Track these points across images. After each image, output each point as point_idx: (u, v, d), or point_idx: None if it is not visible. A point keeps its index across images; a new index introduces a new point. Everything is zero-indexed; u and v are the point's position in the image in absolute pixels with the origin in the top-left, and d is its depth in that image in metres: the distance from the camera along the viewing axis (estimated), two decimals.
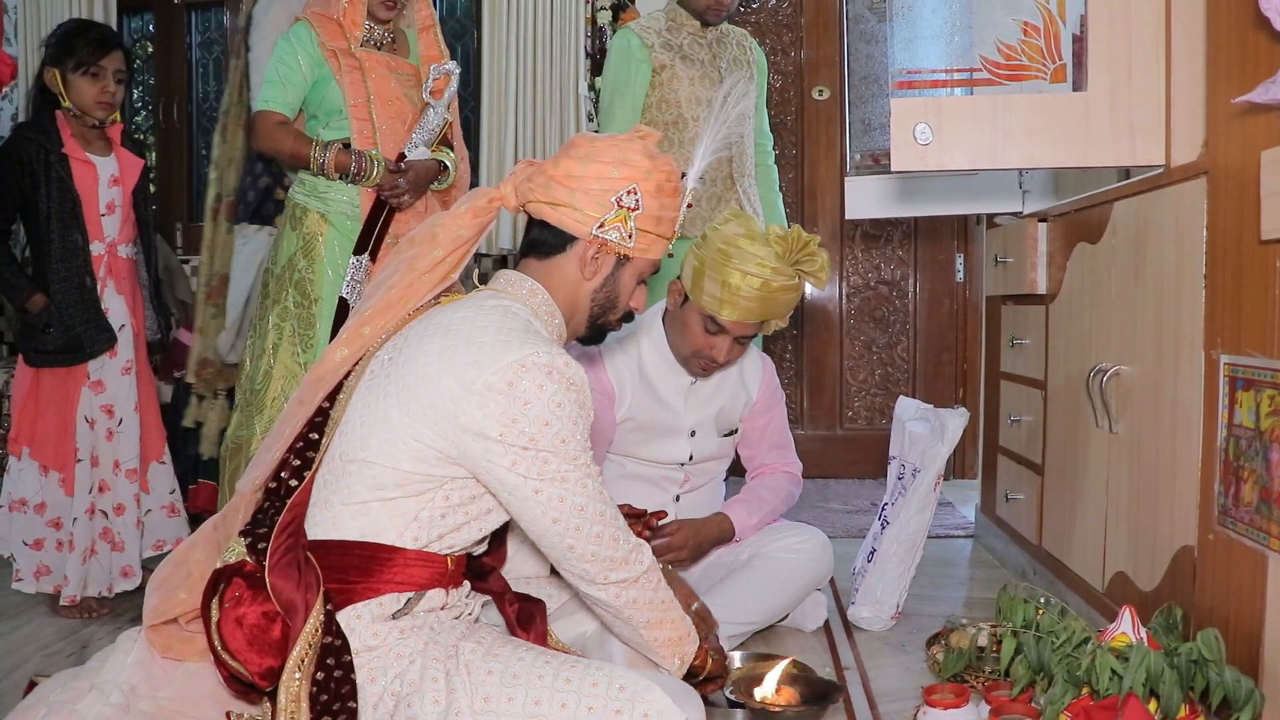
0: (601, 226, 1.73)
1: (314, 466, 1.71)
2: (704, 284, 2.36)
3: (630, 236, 1.75)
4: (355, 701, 1.57)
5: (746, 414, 2.67)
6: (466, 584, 1.79)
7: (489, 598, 1.86)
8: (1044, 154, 2.29)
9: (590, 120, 4.60)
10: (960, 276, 4.90)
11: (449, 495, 1.65)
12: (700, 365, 2.47)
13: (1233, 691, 1.68)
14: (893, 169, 2.35)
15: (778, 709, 1.96)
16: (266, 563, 1.62)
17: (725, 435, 2.64)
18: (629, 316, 1.86)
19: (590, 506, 1.63)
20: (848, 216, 3.35)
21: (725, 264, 2.33)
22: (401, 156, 2.73)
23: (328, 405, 1.75)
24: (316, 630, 1.58)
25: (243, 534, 1.70)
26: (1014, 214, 3.24)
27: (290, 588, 1.60)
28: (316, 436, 1.74)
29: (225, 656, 1.62)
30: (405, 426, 1.60)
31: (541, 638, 1.81)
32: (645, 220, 1.75)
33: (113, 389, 2.82)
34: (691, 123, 3.18)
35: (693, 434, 2.58)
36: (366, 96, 2.74)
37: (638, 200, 1.73)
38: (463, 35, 4.85)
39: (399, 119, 2.79)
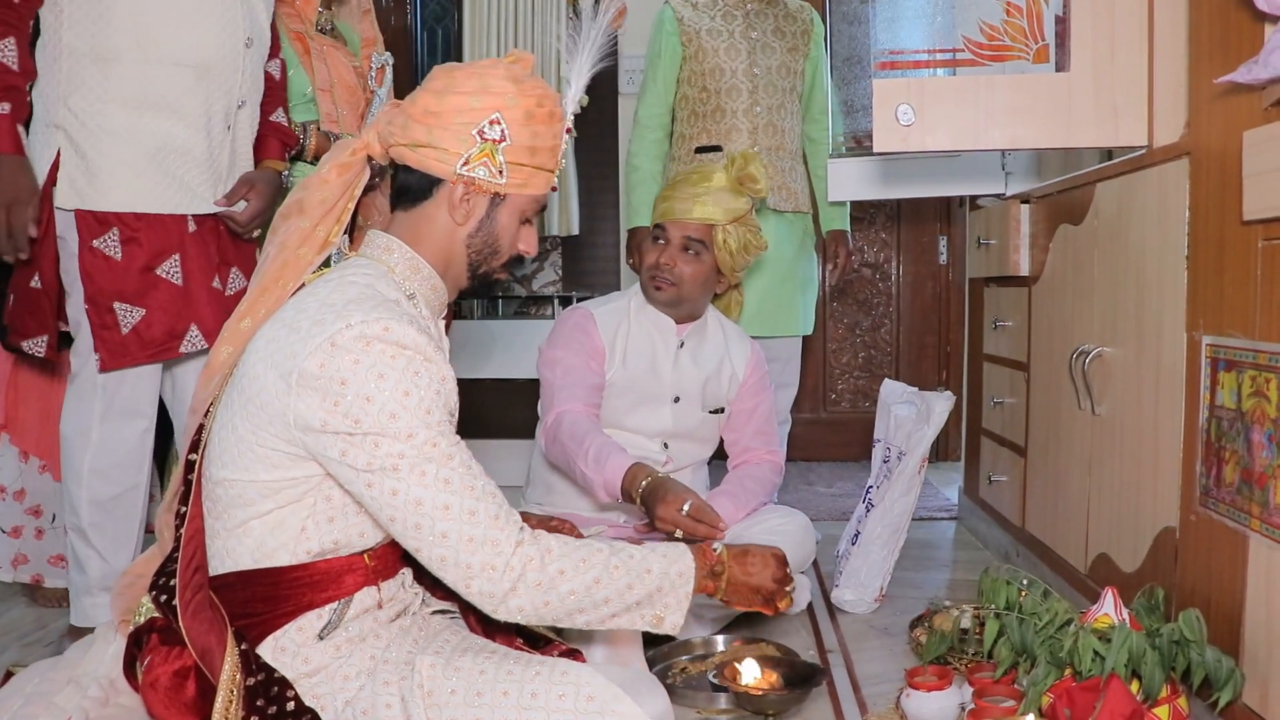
0: (466, 164, 1.56)
1: (193, 492, 1.57)
2: (657, 208, 2.61)
3: (500, 172, 1.57)
4: None
5: (734, 395, 2.67)
6: (405, 570, 1.67)
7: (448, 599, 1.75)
8: (1026, 135, 2.28)
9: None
10: (944, 259, 4.90)
11: (330, 497, 1.50)
12: (654, 283, 2.56)
13: (1214, 671, 1.68)
14: (875, 150, 2.34)
15: (760, 693, 1.96)
16: (179, 607, 1.50)
17: (711, 412, 2.64)
18: (518, 262, 1.70)
19: (431, 499, 1.41)
20: (830, 199, 3.32)
21: (672, 183, 2.62)
22: None
23: (204, 421, 1.60)
24: (234, 674, 1.45)
25: (150, 587, 1.59)
26: (997, 196, 3.24)
27: (203, 631, 1.48)
28: (194, 458, 1.59)
29: None
30: (249, 434, 1.46)
31: (509, 637, 1.70)
32: (516, 152, 1.57)
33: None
34: (714, 95, 3.14)
35: (676, 400, 2.58)
36: (330, 82, 2.75)
37: (503, 131, 1.55)
38: (444, 18, 4.82)
39: (353, 106, 2.81)
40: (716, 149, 3.12)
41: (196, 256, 2.27)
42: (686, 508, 2.17)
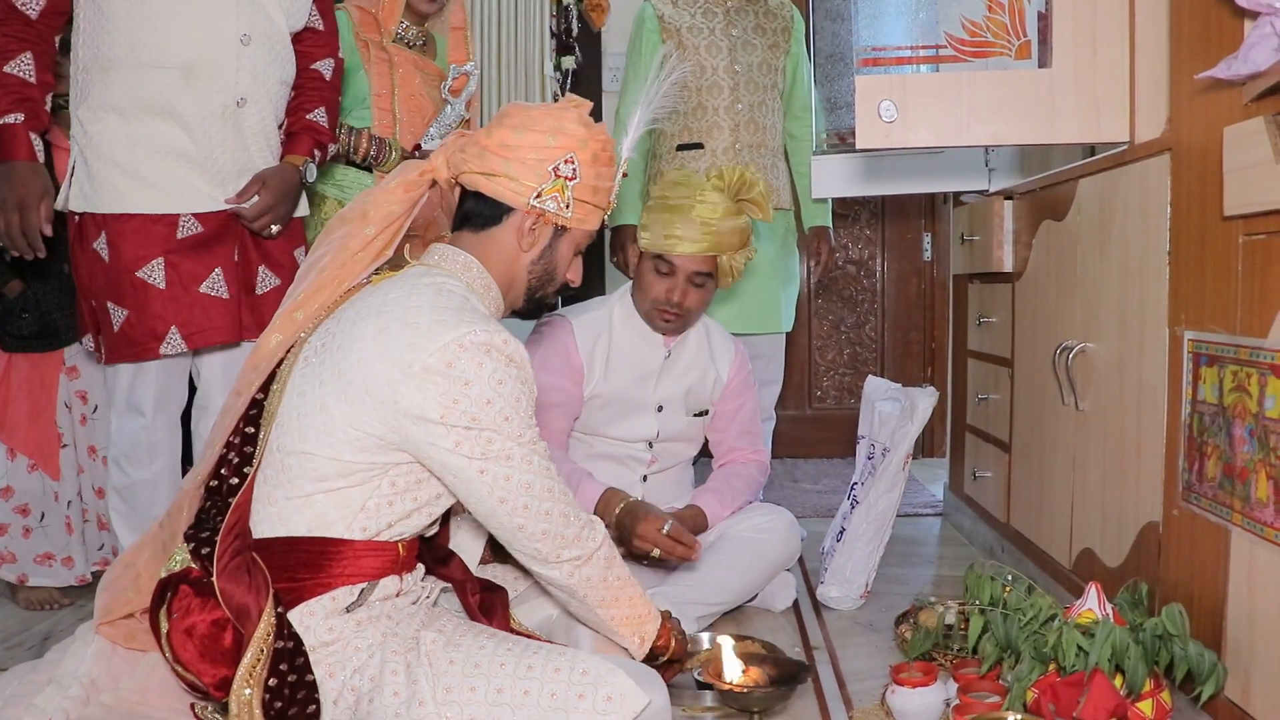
0: (539, 196, 1.70)
1: (255, 463, 1.66)
2: (653, 230, 2.46)
3: (568, 206, 1.72)
4: (315, 704, 1.53)
5: (717, 396, 2.66)
6: (420, 567, 1.77)
7: (450, 583, 1.84)
8: (1009, 131, 2.29)
9: (556, 101, 4.57)
10: (928, 255, 4.91)
11: (394, 482, 1.61)
12: (662, 316, 2.49)
13: (1196, 665, 1.69)
14: (858, 146, 2.34)
15: (746, 690, 1.96)
16: (215, 568, 1.58)
17: (695, 415, 2.64)
18: (565, 288, 1.85)
19: (537, 483, 1.61)
20: (814, 196, 3.32)
21: (667, 204, 2.44)
22: (417, 147, 2.82)
23: (262, 397, 1.70)
24: (268, 635, 1.55)
25: (186, 538, 1.66)
26: (980, 192, 3.24)
27: (241, 592, 1.56)
28: (253, 430, 1.69)
29: (179, 669, 1.58)
30: (343, 415, 1.57)
31: (504, 625, 1.78)
32: (582, 190, 1.73)
33: (88, 375, 2.78)
34: (695, 93, 3.13)
35: (660, 409, 2.57)
36: (391, 88, 2.82)
37: (575, 169, 1.71)
38: None
39: (419, 114, 2.86)
40: (698, 146, 3.11)
41: (187, 261, 2.28)
42: (667, 528, 2.25)
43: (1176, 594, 1.90)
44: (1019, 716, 1.67)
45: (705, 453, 2.79)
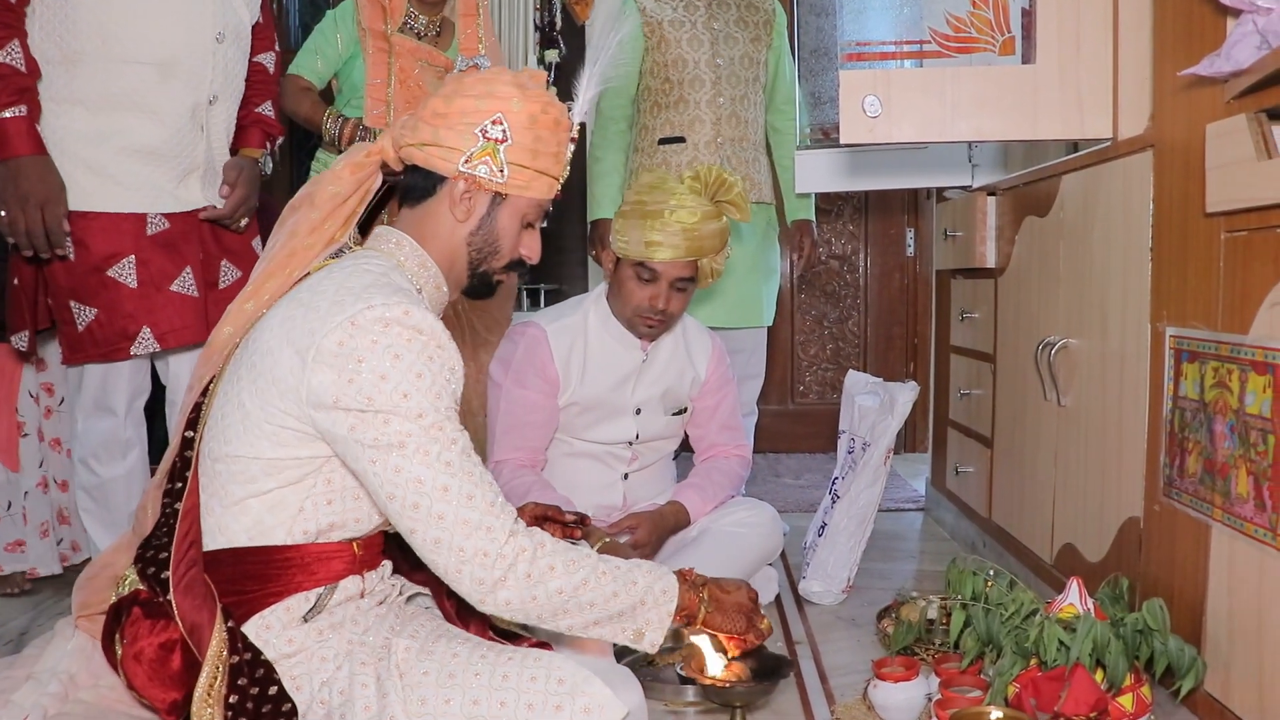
0: (468, 161, 1.61)
1: (191, 470, 1.58)
2: (630, 235, 2.40)
3: (501, 171, 1.62)
4: (284, 715, 1.47)
5: (696, 393, 2.66)
6: (387, 564, 1.70)
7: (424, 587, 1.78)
8: (993, 127, 2.29)
9: None
10: (911, 251, 4.92)
11: (330, 479, 1.53)
12: (645, 322, 2.47)
13: (1176, 660, 1.70)
14: (842, 141, 2.34)
15: (728, 685, 1.96)
16: (171, 580, 1.50)
17: (674, 414, 2.63)
18: (518, 265, 1.73)
19: (431, 479, 1.43)
20: (798, 190, 3.32)
21: (644, 209, 2.39)
22: None
23: (202, 399, 1.62)
24: (221, 650, 1.47)
25: (135, 558, 1.59)
26: (963, 188, 3.25)
27: (194, 607, 1.48)
28: (191, 435, 1.60)
29: (134, 694, 1.53)
30: (256, 409, 1.49)
31: (483, 629, 1.71)
32: (517, 153, 1.61)
33: (55, 368, 2.76)
34: (677, 86, 3.12)
35: (638, 412, 2.56)
36: (387, 77, 2.82)
37: (505, 131, 1.60)
38: None
39: (415, 104, 2.85)
40: (680, 140, 3.11)
41: (157, 258, 2.26)
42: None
43: (1157, 589, 1.91)
44: (1001, 711, 1.68)
45: (687, 447, 2.79)
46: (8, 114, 2.08)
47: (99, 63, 2.18)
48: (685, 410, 2.65)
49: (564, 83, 4.62)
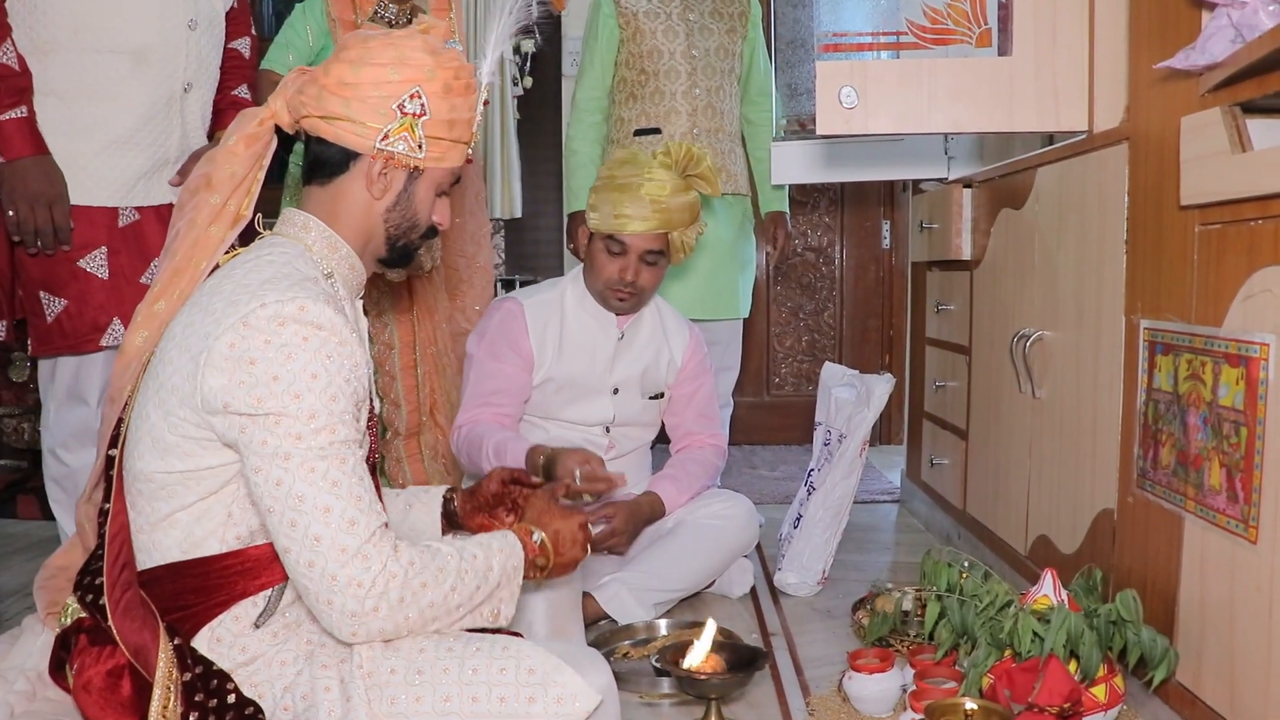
0: (386, 139, 1.50)
1: (114, 489, 1.50)
2: (602, 210, 2.44)
3: (420, 146, 1.53)
4: (248, 718, 1.42)
5: (672, 379, 2.66)
6: None
7: None
8: (969, 118, 2.29)
9: (515, 84, 4.55)
10: (886, 243, 4.93)
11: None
12: (615, 295, 2.49)
13: (1149, 651, 1.71)
14: (818, 133, 2.33)
15: (703, 676, 1.95)
16: (108, 605, 1.43)
17: (651, 398, 2.63)
18: (433, 233, 1.65)
19: (314, 499, 1.34)
20: (773, 182, 3.32)
21: (615, 183, 2.43)
22: None
23: (123, 415, 1.53)
24: (170, 670, 1.40)
25: (75, 586, 1.52)
26: (939, 180, 3.25)
27: (136, 629, 1.41)
28: (114, 452, 1.52)
29: None
30: (161, 422, 1.41)
31: None
32: (435, 126, 1.53)
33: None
34: (652, 78, 3.11)
35: (616, 392, 2.57)
36: None
37: (423, 105, 1.51)
38: None
39: None
40: (655, 131, 3.10)
41: (128, 250, 2.24)
42: (579, 473, 2.16)
43: (1130, 580, 1.92)
44: (975, 702, 1.68)
45: (663, 439, 2.78)
46: (10, 115, 2.09)
47: (71, 52, 2.16)
48: (662, 395, 2.65)
49: (539, 74, 4.61)
